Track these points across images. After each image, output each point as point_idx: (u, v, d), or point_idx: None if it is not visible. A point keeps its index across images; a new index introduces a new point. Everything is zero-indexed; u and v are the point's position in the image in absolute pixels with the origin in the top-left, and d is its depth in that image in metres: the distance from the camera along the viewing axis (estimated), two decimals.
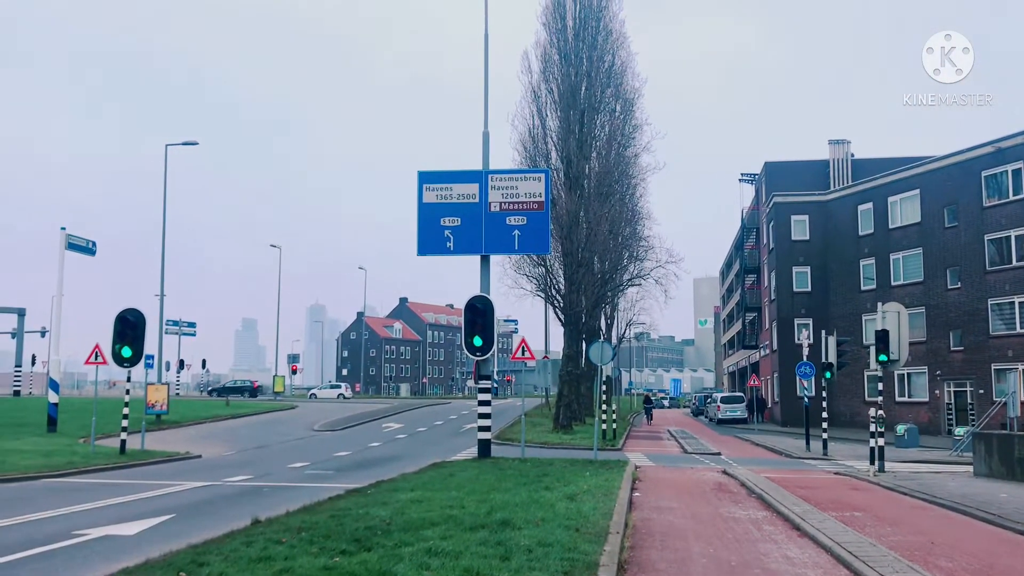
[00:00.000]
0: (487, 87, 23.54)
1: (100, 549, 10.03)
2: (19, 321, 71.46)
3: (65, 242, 29.82)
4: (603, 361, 25.35)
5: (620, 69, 39.82)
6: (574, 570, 7.96)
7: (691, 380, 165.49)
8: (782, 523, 12.59)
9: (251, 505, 13.35)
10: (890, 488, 17.90)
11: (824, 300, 49.14)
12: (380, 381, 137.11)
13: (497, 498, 12.81)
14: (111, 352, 23.25)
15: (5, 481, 17.18)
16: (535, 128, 37.88)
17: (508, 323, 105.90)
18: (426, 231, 22.80)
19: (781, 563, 9.51)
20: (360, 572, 7.64)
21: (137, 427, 25.65)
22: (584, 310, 39.25)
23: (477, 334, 21.33)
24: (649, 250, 44.69)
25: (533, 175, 23.92)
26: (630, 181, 43.67)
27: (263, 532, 9.88)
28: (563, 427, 35.70)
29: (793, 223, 51.10)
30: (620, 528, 10.52)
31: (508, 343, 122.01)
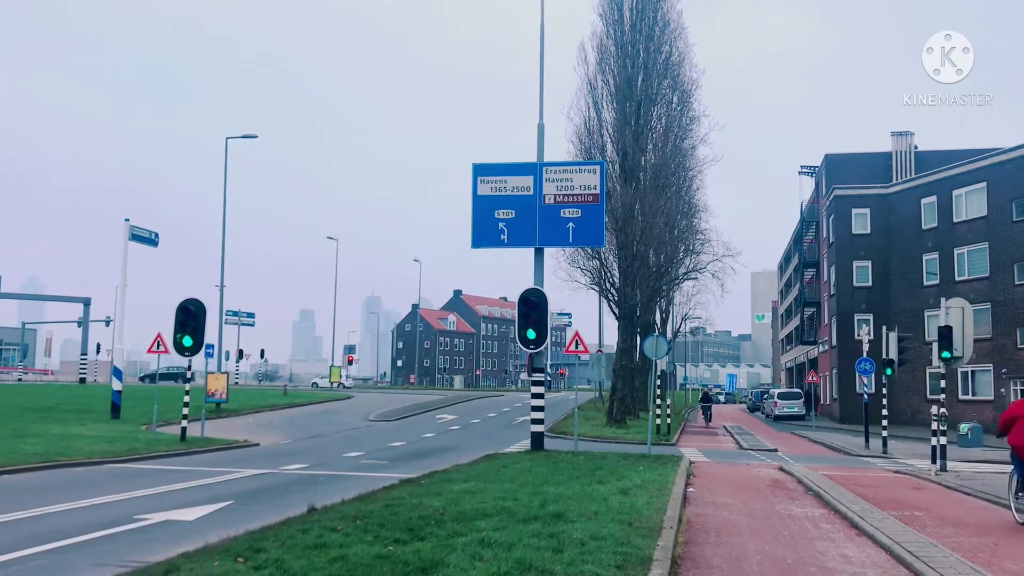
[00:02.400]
0: (542, 79, 23.48)
1: (161, 534, 10.25)
2: (85, 310, 73.47)
3: (129, 233, 30.52)
4: (657, 355, 25.16)
5: (677, 60, 39.45)
6: (627, 564, 7.91)
7: (747, 375, 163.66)
8: (840, 521, 12.37)
9: (307, 493, 13.53)
10: (952, 488, 17.48)
11: (885, 295, 48.14)
12: (434, 373, 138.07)
13: (550, 491, 12.80)
14: (172, 341, 23.74)
15: (72, 465, 17.66)
16: (590, 120, 37.71)
17: (561, 316, 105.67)
18: (480, 224, 22.84)
19: (838, 562, 9.34)
20: (414, 561, 7.68)
21: (197, 415, 26.18)
22: (639, 304, 39.01)
23: (531, 327, 21.34)
24: (706, 243, 44.25)
25: (588, 167, 23.83)
26: (687, 173, 43.28)
27: (319, 520, 10.00)
28: (616, 421, 35.56)
29: (854, 216, 50.09)
30: (674, 523, 10.43)
31: (561, 336, 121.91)
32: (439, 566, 7.55)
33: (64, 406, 34.72)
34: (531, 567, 7.54)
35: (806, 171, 65.61)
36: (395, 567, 7.49)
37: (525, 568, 7.50)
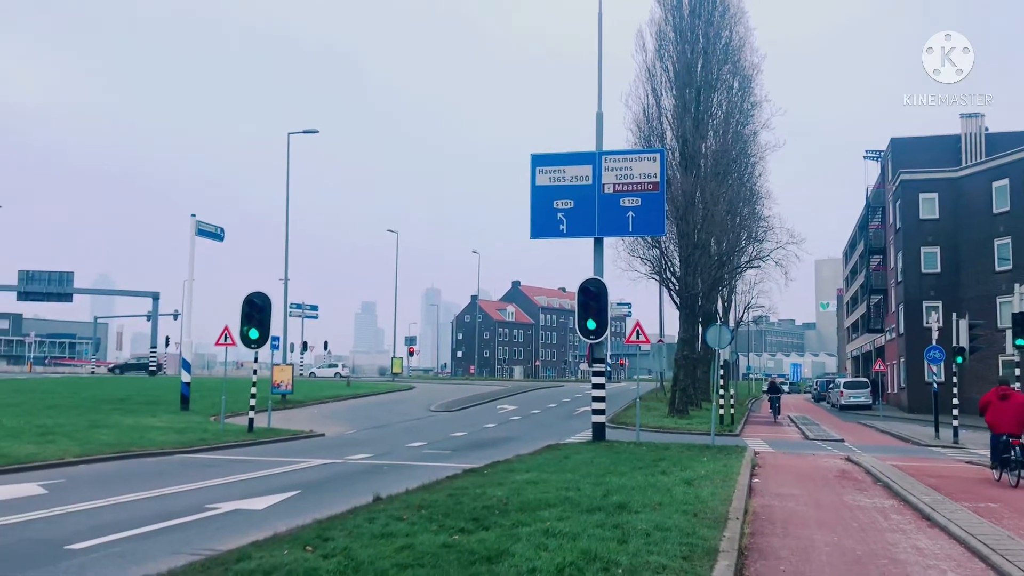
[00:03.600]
0: (600, 67, 23.34)
1: (230, 523, 10.48)
2: (154, 305, 75.40)
3: (195, 228, 31.16)
4: (720, 345, 24.88)
5: (738, 45, 38.86)
6: (693, 555, 7.85)
7: (812, 365, 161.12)
8: (910, 512, 12.12)
9: (372, 483, 13.69)
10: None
11: (955, 282, 46.88)
12: (493, 364, 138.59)
13: (613, 481, 12.76)
14: (239, 334, 24.17)
15: (144, 456, 18.13)
16: (649, 107, 37.37)
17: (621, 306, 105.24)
18: (539, 214, 22.80)
19: (911, 554, 9.14)
20: (479, 550, 7.73)
21: (264, 406, 26.67)
22: (700, 293, 38.60)
23: (591, 317, 21.27)
24: (769, 231, 43.46)
25: (648, 155, 23.60)
26: (748, 160, 42.62)
27: (384, 509, 10.12)
28: (679, 412, 35.28)
29: (921, 201, 48.83)
30: (740, 514, 10.31)
31: (621, 326, 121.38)
32: (504, 556, 7.58)
33: (135, 398, 35.67)
34: (596, 557, 7.53)
35: (871, 156, 64.23)
36: (461, 556, 7.54)
37: (590, 558, 7.49)
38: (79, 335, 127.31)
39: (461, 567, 7.20)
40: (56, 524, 10.13)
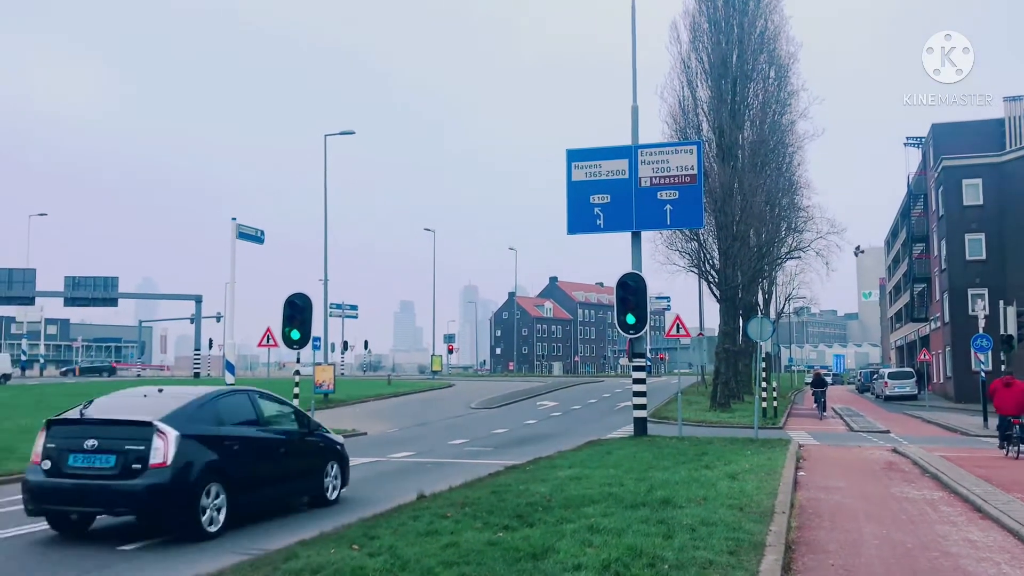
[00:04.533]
0: (635, 60, 23.21)
1: (277, 522, 10.58)
2: (196, 307, 76.44)
3: (236, 231, 31.58)
4: (762, 337, 24.64)
5: (773, 34, 38.48)
6: (740, 550, 7.80)
7: (855, 356, 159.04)
8: (961, 504, 11.92)
9: (415, 480, 13.77)
10: None
11: (1000, 268, 45.96)
12: (532, 360, 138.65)
13: (656, 476, 12.70)
14: (281, 335, 24.39)
15: None
16: (685, 99, 37.15)
17: (660, 300, 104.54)
18: (576, 209, 22.75)
19: (963, 546, 8.99)
20: (524, 547, 7.74)
21: (307, 406, 26.91)
22: (740, 285, 38.30)
23: (630, 312, 21.17)
24: (809, 221, 42.95)
25: (684, 147, 23.45)
26: (787, 150, 42.16)
27: (428, 507, 10.17)
28: (720, 405, 35.04)
29: (965, 187, 47.92)
30: (786, 507, 10.22)
31: (660, 320, 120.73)
32: (549, 552, 7.59)
33: None
34: (642, 553, 7.50)
35: (912, 142, 63.18)
36: (506, 553, 7.56)
37: (636, 554, 7.46)
38: (124, 339, 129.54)
39: (506, 564, 7.22)
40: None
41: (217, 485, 9.64)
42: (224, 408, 10.56)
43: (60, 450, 9.38)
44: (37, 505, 9.53)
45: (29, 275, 68.15)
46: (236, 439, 10.33)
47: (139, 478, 9.07)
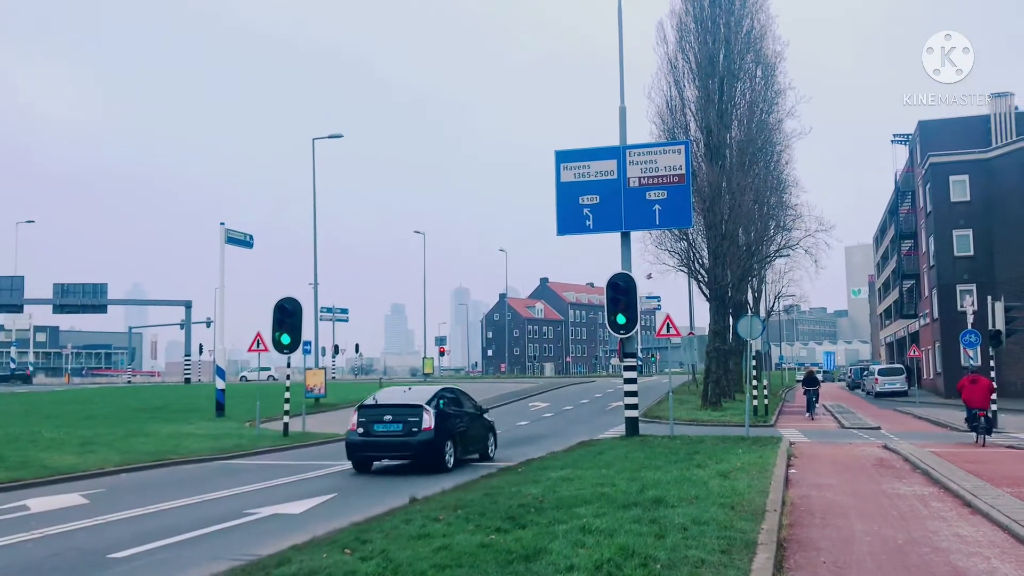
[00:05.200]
0: (622, 61, 23.24)
1: (270, 527, 10.58)
2: (186, 313, 76.11)
3: (225, 236, 31.41)
4: (752, 336, 24.70)
5: (759, 33, 38.54)
6: (732, 548, 7.81)
7: (845, 352, 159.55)
8: (951, 500, 11.97)
9: (407, 484, 13.75)
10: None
11: (988, 264, 46.21)
12: (524, 361, 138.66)
13: (648, 476, 12.72)
14: (271, 339, 24.36)
15: (182, 463, 18.34)
16: (672, 99, 37.19)
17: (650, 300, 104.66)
18: (565, 210, 22.78)
19: (952, 542, 9.03)
20: (516, 549, 7.74)
21: (298, 410, 26.85)
22: (730, 284, 38.38)
23: (620, 312, 21.19)
24: (797, 219, 43.14)
25: (672, 147, 23.48)
26: (774, 148, 42.27)
27: (420, 510, 10.17)
28: (712, 404, 35.11)
29: (952, 184, 48.17)
30: (777, 506, 10.25)
31: (651, 320, 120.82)
32: (542, 554, 7.59)
33: (172, 406, 36.08)
34: (634, 553, 7.51)
35: (899, 139, 63.48)
36: (498, 555, 7.56)
37: (628, 554, 7.47)
38: (114, 345, 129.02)
39: (499, 566, 7.22)
40: (98, 533, 10.28)
41: (451, 441, 16.41)
42: (447, 397, 17.34)
43: (368, 422, 16.13)
44: (354, 455, 16.32)
45: (17, 282, 67.75)
46: (456, 415, 17.16)
47: (415, 437, 15.82)
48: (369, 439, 15.98)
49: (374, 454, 16.31)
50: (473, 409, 18.39)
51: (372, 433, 15.91)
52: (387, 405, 16.58)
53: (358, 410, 16.40)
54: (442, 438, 16.03)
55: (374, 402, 16.69)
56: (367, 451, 16.23)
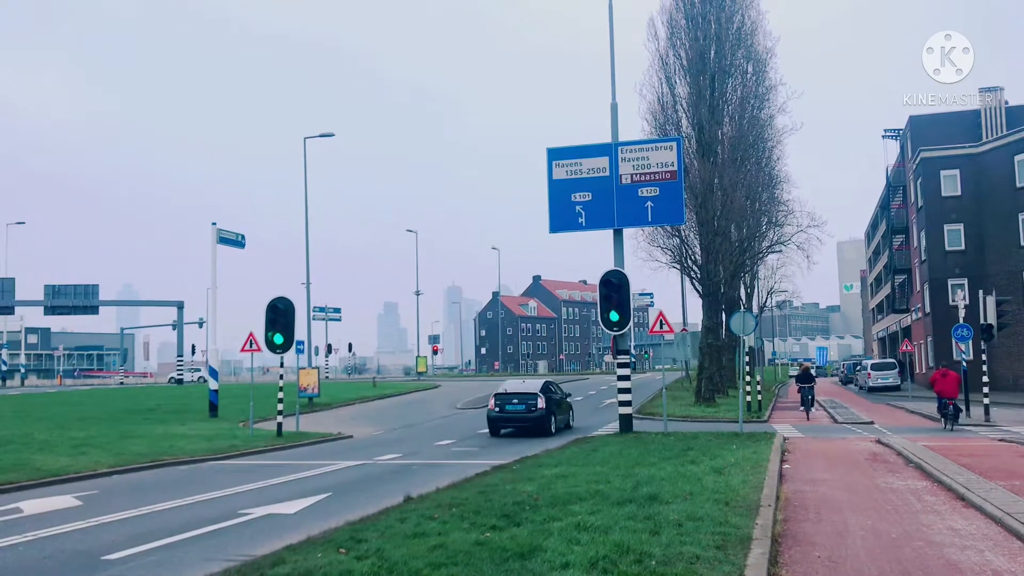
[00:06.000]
0: (613, 58, 23.24)
1: (264, 527, 10.55)
2: (179, 314, 75.99)
3: (216, 236, 31.34)
4: (745, 331, 24.73)
5: (750, 29, 38.55)
6: (727, 544, 7.82)
7: (838, 347, 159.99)
8: (944, 493, 12.01)
9: (402, 483, 13.75)
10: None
11: (980, 258, 46.37)
12: (517, 359, 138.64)
13: (642, 472, 12.74)
14: (264, 339, 24.31)
15: (176, 464, 18.29)
16: (664, 96, 37.18)
17: (643, 296, 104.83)
18: (557, 208, 22.76)
19: (946, 535, 9.06)
20: (511, 547, 7.73)
21: (291, 410, 26.82)
22: (722, 280, 38.42)
23: (613, 309, 21.21)
24: (789, 215, 43.15)
25: (664, 144, 23.48)
26: (766, 144, 42.29)
27: (415, 509, 10.15)
28: (705, 400, 35.16)
29: (943, 178, 48.29)
30: (772, 501, 10.27)
31: (644, 317, 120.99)
32: (537, 551, 7.59)
33: (165, 407, 36.01)
34: (629, 550, 7.52)
35: (890, 134, 63.61)
36: (494, 553, 7.55)
37: (623, 551, 7.48)
38: (106, 346, 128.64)
39: (494, 564, 7.21)
40: (92, 535, 10.24)
41: (553, 414, 23.93)
42: (549, 386, 25.07)
43: (501, 404, 23.99)
44: (492, 425, 24.24)
45: (8, 284, 67.52)
46: (554, 398, 24.61)
47: (533, 413, 23.55)
48: (502, 414, 24.06)
49: (505, 424, 24.23)
50: (561, 394, 26.07)
51: (504, 411, 23.94)
52: (514, 393, 24.27)
53: (495, 396, 24.52)
54: (548, 414, 23.65)
55: (504, 391, 24.55)
56: (500, 422, 24.26)
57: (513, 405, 23.79)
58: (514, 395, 24.03)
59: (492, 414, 24.08)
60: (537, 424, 23.38)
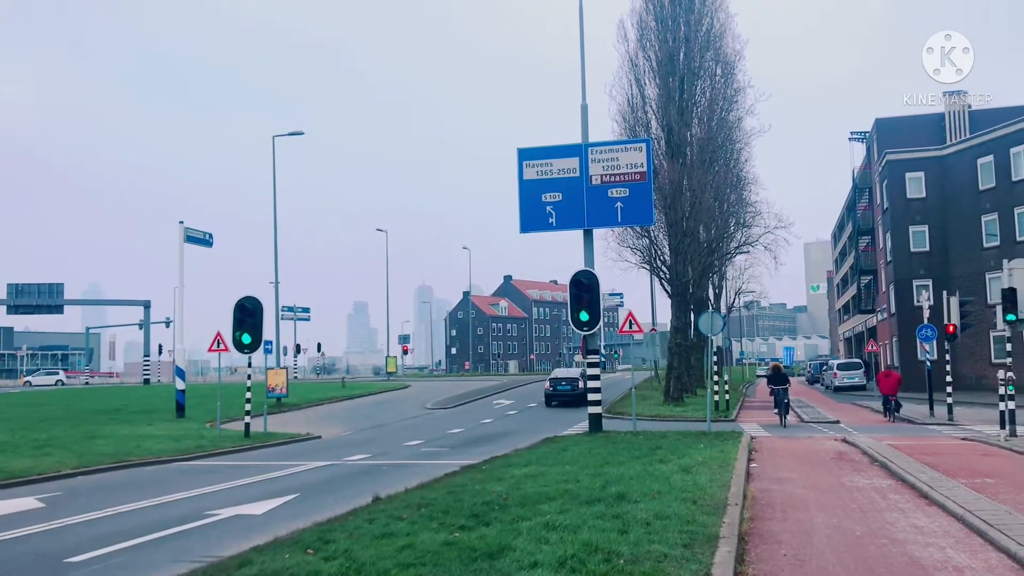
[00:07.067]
0: (583, 59, 23.32)
1: (231, 528, 10.47)
2: (145, 313, 75.13)
3: (184, 235, 31.04)
4: (713, 332, 24.93)
5: (719, 31, 38.83)
6: (694, 543, 7.88)
7: (805, 348, 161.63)
8: (908, 492, 12.18)
9: (371, 483, 13.69)
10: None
11: (944, 260, 47.06)
12: (488, 359, 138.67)
13: (611, 472, 12.79)
14: (232, 339, 24.10)
15: (142, 465, 18.09)
16: (633, 97, 37.35)
17: (613, 296, 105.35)
18: (528, 208, 22.80)
19: (910, 533, 9.19)
20: (480, 547, 7.73)
21: (259, 411, 26.63)
22: (691, 280, 38.68)
23: (583, 309, 21.28)
24: (757, 216, 43.52)
25: (634, 145, 23.59)
26: (734, 146, 42.63)
27: (384, 509, 10.12)
28: (674, 399, 35.37)
29: (908, 181, 48.95)
30: (739, 499, 10.35)
31: (614, 317, 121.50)
32: (506, 551, 7.60)
33: (131, 407, 35.58)
34: (597, 549, 7.54)
35: (857, 137, 64.33)
36: (463, 553, 7.55)
37: (592, 550, 7.50)
38: (71, 346, 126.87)
39: (463, 564, 7.21)
40: (55, 537, 10.11)
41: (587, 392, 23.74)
42: (584, 372, 31.24)
43: (554, 385, 37.46)
44: (548, 400, 36.98)
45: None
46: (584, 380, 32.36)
47: (576, 391, 35.35)
48: (555, 392, 36.29)
49: (556, 398, 35.59)
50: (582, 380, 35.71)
51: (556, 389, 35.53)
52: (562, 378, 36.78)
53: (550, 380, 37.34)
54: (585, 391, 26.29)
55: (556, 377, 37.29)
56: (553, 398, 36.42)
57: (562, 386, 36.49)
58: (563, 379, 37.16)
59: (548, 392, 36.63)
60: (578, 398, 32.78)
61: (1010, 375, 21.22)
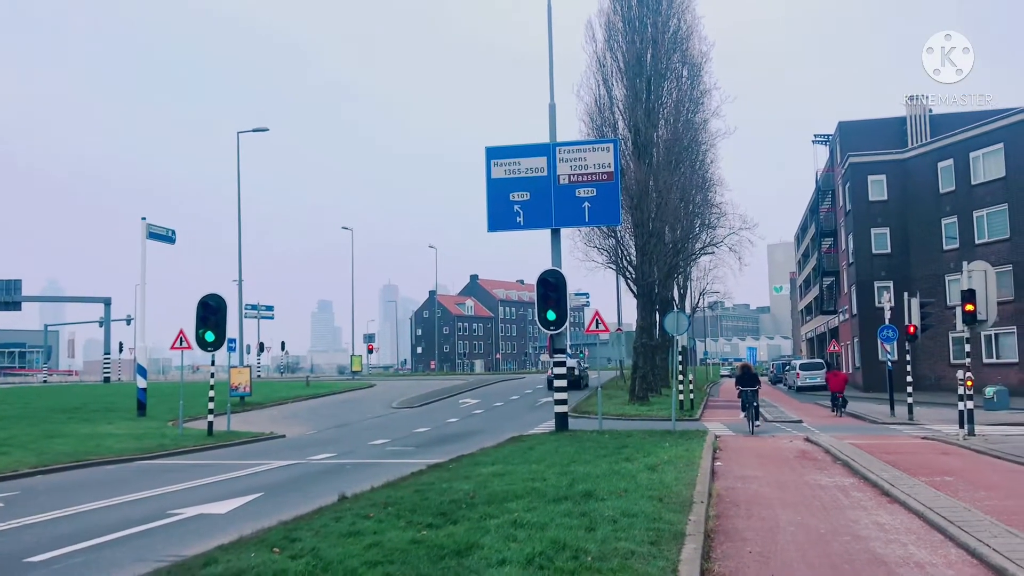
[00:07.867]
0: (551, 58, 23.37)
1: (194, 527, 10.35)
2: (106, 310, 73.97)
3: (146, 231, 30.60)
4: (678, 331, 25.09)
5: (686, 33, 39.09)
6: (660, 540, 7.92)
7: (768, 348, 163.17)
8: (870, 489, 12.34)
9: (336, 482, 13.61)
10: (982, 452, 17.39)
11: (904, 262, 47.76)
12: (454, 358, 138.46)
13: (578, 470, 12.83)
14: (195, 337, 23.85)
15: (103, 464, 17.84)
16: (601, 98, 37.50)
17: (579, 296, 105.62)
18: (496, 207, 22.80)
19: (872, 530, 9.32)
20: (448, 544, 7.72)
21: (222, 409, 26.35)
22: (657, 280, 38.89)
23: (550, 308, 21.33)
24: (722, 217, 43.96)
25: (601, 145, 23.71)
26: (700, 148, 42.96)
27: (350, 508, 10.06)
28: (639, 399, 35.55)
29: (870, 183, 49.61)
30: (704, 497, 10.43)
31: (580, 316, 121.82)
32: (474, 548, 7.59)
33: (91, 406, 35.06)
34: (565, 546, 7.56)
35: (820, 139, 65.10)
36: (430, 551, 7.53)
37: (559, 547, 7.52)
38: (29, 344, 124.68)
39: (431, 562, 7.19)
40: (13, 537, 9.93)
41: (581, 378, 47.12)
42: (580, 363, 49.61)
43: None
44: (549, 384, 35.95)
45: None
46: (584, 370, 50.11)
47: (571, 378, 36.18)
48: None
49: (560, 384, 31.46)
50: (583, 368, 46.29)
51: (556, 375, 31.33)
52: None
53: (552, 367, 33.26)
54: (581, 378, 36.81)
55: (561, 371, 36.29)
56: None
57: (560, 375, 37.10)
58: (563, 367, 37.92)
59: (550, 378, 37.32)
60: (576, 383, 41.39)
61: (968, 375, 21.58)
